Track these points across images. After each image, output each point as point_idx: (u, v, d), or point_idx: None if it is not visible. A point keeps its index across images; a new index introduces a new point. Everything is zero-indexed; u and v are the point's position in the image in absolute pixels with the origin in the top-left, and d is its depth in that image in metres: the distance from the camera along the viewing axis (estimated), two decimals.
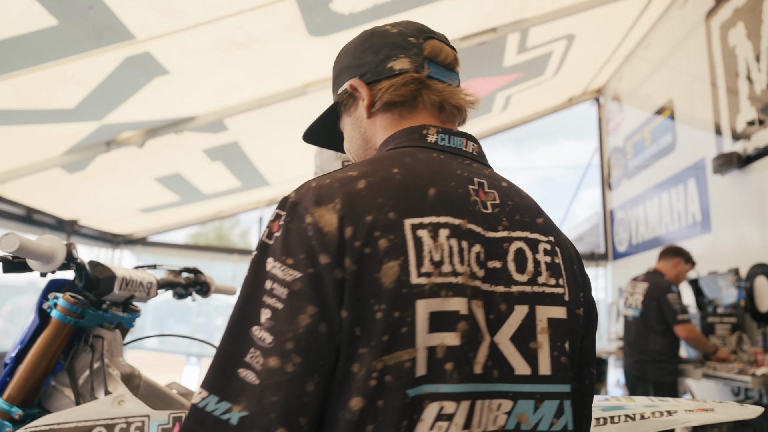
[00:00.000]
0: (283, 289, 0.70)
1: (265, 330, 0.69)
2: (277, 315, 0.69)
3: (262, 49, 3.57)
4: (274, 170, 5.59)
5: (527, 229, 0.82)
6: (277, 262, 0.71)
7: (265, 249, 0.74)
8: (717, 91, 4.23)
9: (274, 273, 0.71)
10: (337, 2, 3.27)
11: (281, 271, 0.71)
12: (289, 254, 0.71)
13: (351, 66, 0.95)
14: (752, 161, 3.75)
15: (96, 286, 1.15)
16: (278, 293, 0.70)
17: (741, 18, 3.91)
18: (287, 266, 0.71)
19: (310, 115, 4.13)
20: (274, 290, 0.70)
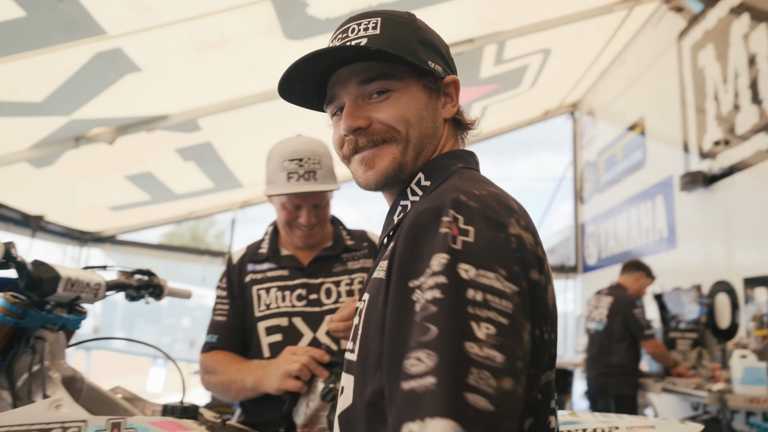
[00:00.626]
0: (504, 303, 0.63)
1: (492, 347, 0.60)
2: (503, 331, 0.62)
3: (237, 51, 3.54)
4: (247, 172, 5.54)
5: None
6: (483, 271, 0.64)
7: (454, 254, 0.65)
8: (686, 110, 4.32)
9: (484, 283, 0.64)
10: (313, 6, 3.26)
11: (498, 282, 0.64)
12: (501, 265, 0.66)
13: (445, 59, 0.93)
14: (717, 180, 3.83)
15: (39, 286, 1.12)
16: (499, 306, 0.63)
17: (711, 40, 4.01)
18: (503, 277, 0.65)
19: (285, 118, 4.14)
20: (491, 302, 0.63)
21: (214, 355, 1.61)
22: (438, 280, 0.64)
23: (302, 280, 1.64)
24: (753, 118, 3.46)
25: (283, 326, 1.58)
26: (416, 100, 0.88)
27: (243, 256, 1.72)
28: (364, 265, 1.70)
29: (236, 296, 1.66)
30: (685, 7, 4.41)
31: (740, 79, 3.62)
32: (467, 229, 0.68)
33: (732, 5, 3.74)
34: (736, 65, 3.68)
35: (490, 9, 3.99)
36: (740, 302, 3.51)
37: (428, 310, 0.63)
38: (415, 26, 0.91)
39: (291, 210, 1.60)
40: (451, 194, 0.72)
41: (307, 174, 1.56)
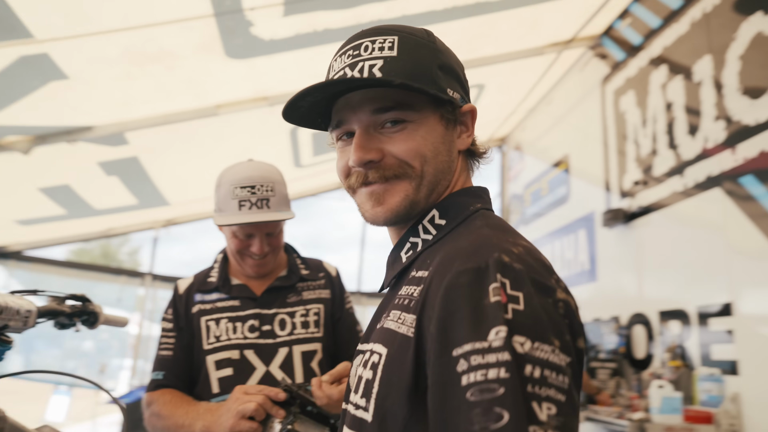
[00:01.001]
0: (560, 377, 0.59)
1: (554, 429, 0.56)
2: (562, 409, 0.58)
3: (174, 65, 3.42)
4: (175, 190, 5.33)
5: None
6: (539, 343, 0.60)
7: (509, 326, 0.60)
8: (608, 150, 4.59)
9: (540, 357, 0.59)
10: (258, 27, 3.22)
11: (553, 355, 0.60)
12: (555, 334, 0.61)
13: (462, 85, 0.87)
14: (636, 218, 4.07)
15: None
16: (556, 382, 0.59)
17: (632, 87, 4.29)
18: (558, 349, 0.60)
19: (219, 136, 4.02)
20: (549, 378, 0.58)
21: (161, 395, 1.49)
22: (501, 357, 0.58)
23: (255, 311, 1.57)
24: (669, 161, 3.71)
25: (234, 359, 1.50)
26: (433, 133, 0.83)
27: (190, 286, 1.63)
28: (320, 295, 1.65)
29: (183, 328, 1.56)
30: (609, 55, 4.71)
31: (658, 124, 3.89)
32: (516, 295, 0.62)
33: (652, 57, 4.04)
34: (654, 111, 3.96)
35: None
36: (655, 334, 3.71)
37: (495, 392, 0.57)
38: (435, 48, 0.85)
39: (242, 239, 1.54)
40: (493, 254, 0.66)
41: (260, 202, 1.50)
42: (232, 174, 1.56)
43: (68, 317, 1.25)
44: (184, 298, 1.61)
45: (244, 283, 1.62)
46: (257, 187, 1.51)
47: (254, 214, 1.49)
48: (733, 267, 3.06)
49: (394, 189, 0.82)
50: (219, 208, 1.57)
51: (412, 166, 0.81)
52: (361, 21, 3.47)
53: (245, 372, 1.49)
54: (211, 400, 1.49)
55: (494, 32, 4.21)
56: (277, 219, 1.50)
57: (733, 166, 3.11)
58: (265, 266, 1.59)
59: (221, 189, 1.57)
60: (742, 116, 3.07)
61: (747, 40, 3.10)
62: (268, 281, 1.63)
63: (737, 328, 2.98)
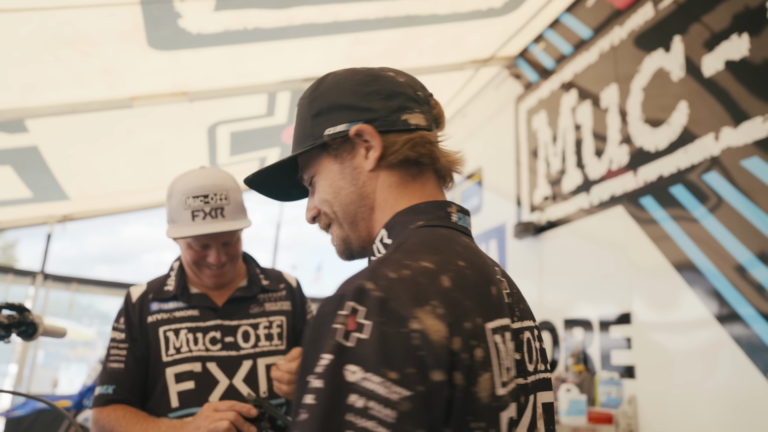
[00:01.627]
0: (387, 411, 0.57)
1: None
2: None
3: (89, 51, 3.21)
4: (77, 184, 4.97)
5: (529, 318, 0.82)
6: (370, 374, 0.58)
7: (342, 353, 0.60)
8: (520, 167, 4.84)
9: (368, 388, 0.58)
10: (186, 19, 3.09)
11: (382, 388, 0.58)
12: (391, 366, 0.58)
13: (352, 107, 0.84)
14: (544, 230, 4.33)
15: None
16: (379, 415, 0.57)
17: (544, 107, 4.57)
18: (391, 381, 0.58)
19: (134, 129, 3.84)
20: (371, 410, 0.57)
21: (112, 410, 1.39)
22: (316, 384, 0.60)
23: (216, 322, 1.50)
24: (576, 180, 3.99)
25: (196, 372, 1.42)
26: (330, 174, 0.88)
27: (144, 293, 1.53)
28: (282, 307, 1.61)
29: (136, 339, 1.46)
30: (523, 75, 4.98)
31: (567, 144, 4.17)
32: (364, 323, 0.61)
33: (563, 81, 4.32)
34: (564, 132, 4.24)
35: (359, 49, 4.13)
36: (560, 340, 3.96)
37: (301, 416, 0.59)
38: (311, 99, 0.89)
39: (198, 250, 1.47)
40: (359, 281, 0.66)
41: (214, 211, 1.44)
42: (183, 183, 1.48)
43: (5, 328, 1.14)
44: (138, 307, 1.50)
45: (204, 293, 1.55)
46: (210, 196, 1.44)
47: (208, 225, 1.43)
48: (632, 280, 3.34)
49: (330, 232, 0.93)
50: (171, 218, 1.49)
51: (327, 214, 0.91)
52: (293, 22, 3.44)
53: (208, 385, 1.42)
54: (170, 414, 1.40)
55: (421, 44, 4.32)
56: (232, 229, 1.44)
57: (634, 188, 3.39)
58: (224, 276, 1.52)
59: (173, 199, 1.48)
60: (643, 142, 3.37)
61: (649, 73, 3.40)
62: (229, 291, 1.57)
63: (634, 336, 3.25)
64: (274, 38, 3.60)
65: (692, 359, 2.85)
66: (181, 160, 5.35)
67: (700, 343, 2.83)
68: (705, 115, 2.95)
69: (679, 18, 3.21)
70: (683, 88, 3.11)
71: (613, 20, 3.79)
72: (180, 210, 1.45)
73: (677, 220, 3.04)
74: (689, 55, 3.10)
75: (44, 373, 10.11)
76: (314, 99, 0.89)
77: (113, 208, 6.25)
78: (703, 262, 2.84)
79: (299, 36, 3.67)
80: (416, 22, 3.91)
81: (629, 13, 3.63)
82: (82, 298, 6.05)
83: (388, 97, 0.85)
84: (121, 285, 6.32)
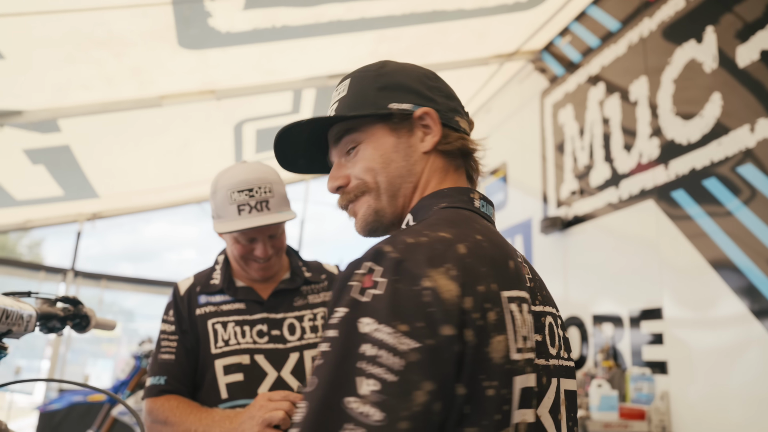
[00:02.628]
0: (395, 359, 0.61)
1: (371, 404, 0.59)
2: (387, 388, 0.60)
3: (122, 51, 3.26)
4: (107, 182, 5.06)
5: (551, 305, 0.85)
6: (382, 326, 0.62)
7: (356, 306, 0.64)
8: (546, 161, 4.81)
9: (378, 338, 0.62)
10: (216, 18, 3.13)
11: (392, 338, 0.62)
12: (401, 319, 0.63)
13: (418, 93, 0.91)
14: (571, 225, 4.30)
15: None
16: (388, 363, 0.61)
17: (570, 101, 4.53)
18: (401, 333, 0.62)
19: (161, 127, 3.89)
20: (380, 358, 0.61)
21: (166, 400, 1.41)
22: (330, 333, 0.65)
23: (263, 315, 1.52)
24: (605, 174, 3.95)
25: (245, 365, 1.45)
26: (381, 146, 0.90)
27: (192, 286, 1.55)
28: (324, 299, 1.63)
29: (186, 331, 1.49)
30: (548, 69, 4.94)
31: (595, 138, 4.13)
32: (380, 281, 0.66)
33: (590, 74, 4.28)
34: (591, 126, 4.20)
35: (384, 46, 4.13)
36: (589, 336, 3.94)
37: (317, 362, 0.64)
38: (377, 74, 0.93)
39: (245, 244, 1.49)
40: (379, 244, 0.71)
41: (260, 204, 1.47)
42: (227, 178, 1.50)
43: (60, 321, 1.17)
44: (186, 300, 1.53)
45: (249, 286, 1.57)
46: (255, 190, 1.46)
47: (255, 218, 1.45)
48: (663, 275, 3.30)
49: (359, 204, 0.92)
50: (217, 214, 1.51)
51: (366, 183, 0.90)
52: (320, 20, 3.46)
53: (256, 378, 1.44)
54: (219, 406, 1.43)
55: (445, 40, 4.31)
56: (278, 221, 1.46)
57: (665, 181, 3.35)
58: (271, 269, 1.55)
59: (218, 195, 1.50)
60: (674, 135, 3.32)
61: (680, 65, 3.36)
62: (273, 284, 1.59)
63: (666, 331, 3.22)
64: (301, 36, 3.62)
65: (726, 355, 2.82)
66: (207, 158, 5.41)
67: (734, 338, 2.79)
68: (739, 106, 2.91)
69: (711, 8, 3.16)
70: (716, 79, 3.06)
71: (642, 12, 3.74)
72: (226, 205, 1.47)
73: (711, 214, 3.00)
74: (722, 46, 3.05)
75: (73, 369, 10.31)
76: (381, 75, 0.92)
77: (139, 206, 6.35)
78: (737, 256, 2.80)
79: (326, 33, 3.69)
80: (442, 18, 3.90)
81: (659, 4, 3.58)
82: (107, 294, 6.15)
83: (447, 96, 0.94)
84: (147, 282, 6.42)
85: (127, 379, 3.85)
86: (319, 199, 11.11)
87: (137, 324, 13.96)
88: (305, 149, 0.99)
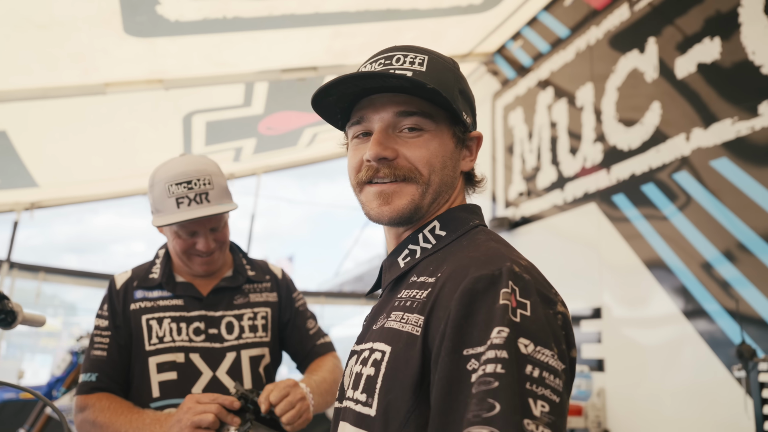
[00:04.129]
0: (556, 380, 0.65)
1: (546, 426, 0.61)
2: (555, 409, 0.63)
3: (64, 36, 3.13)
4: (48, 171, 4.85)
5: None
6: (541, 347, 0.66)
7: (514, 327, 0.66)
8: (495, 164, 4.90)
9: (540, 359, 0.65)
10: (165, 6, 3.04)
11: (553, 360, 0.65)
12: (555, 342, 0.67)
13: (474, 112, 0.94)
14: (519, 226, 4.39)
15: None
16: (552, 384, 0.64)
17: (520, 104, 4.63)
18: (556, 354, 0.66)
19: (106, 116, 3.77)
20: (546, 380, 0.64)
21: (97, 399, 1.37)
22: (499, 354, 0.64)
23: (200, 312, 1.49)
24: (551, 176, 4.06)
25: (179, 363, 1.41)
26: (444, 147, 0.88)
27: (129, 280, 1.50)
28: (267, 299, 1.61)
29: (120, 326, 1.44)
30: (500, 72, 5.03)
31: (543, 141, 4.23)
32: (524, 302, 0.69)
33: (540, 79, 4.38)
34: (540, 129, 4.30)
35: (339, 42, 4.11)
36: None
37: (490, 384, 0.62)
38: (459, 74, 0.93)
39: (186, 238, 1.45)
40: (506, 263, 0.72)
41: (199, 197, 1.43)
42: (164, 171, 1.46)
43: None
44: (122, 294, 1.48)
45: (190, 282, 1.53)
46: (194, 182, 1.43)
47: (194, 210, 1.40)
48: (603, 275, 3.42)
49: (402, 191, 0.87)
50: (156, 208, 1.47)
51: (420, 173, 0.86)
52: (273, 13, 3.41)
53: (190, 377, 1.41)
54: (150, 405, 1.39)
55: (400, 39, 4.32)
56: (218, 212, 1.43)
57: (607, 185, 3.47)
58: (214, 263, 1.51)
59: (155, 188, 1.46)
60: (617, 141, 3.44)
61: (624, 73, 3.48)
62: (214, 281, 1.55)
63: (605, 330, 3.34)
64: (253, 28, 3.56)
65: (659, 353, 2.94)
66: (154, 149, 5.26)
67: (667, 337, 2.91)
68: (676, 115, 3.03)
69: (654, 20, 3.29)
70: (656, 89, 3.18)
71: (589, 20, 3.85)
72: (164, 198, 1.43)
73: (648, 218, 3.13)
74: (663, 57, 3.17)
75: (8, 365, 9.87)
76: (460, 78, 0.93)
77: (83, 196, 6.12)
78: (671, 259, 2.93)
79: (279, 27, 3.65)
80: (397, 17, 3.91)
81: (606, 13, 3.69)
82: (46, 287, 5.91)
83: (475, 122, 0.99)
84: (90, 275, 6.19)
85: (63, 375, 3.71)
86: (271, 194, 10.99)
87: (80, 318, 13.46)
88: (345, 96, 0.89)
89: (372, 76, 0.83)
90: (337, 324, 10.84)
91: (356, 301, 7.60)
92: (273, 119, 5.14)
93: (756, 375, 2.05)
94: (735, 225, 2.60)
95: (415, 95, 0.85)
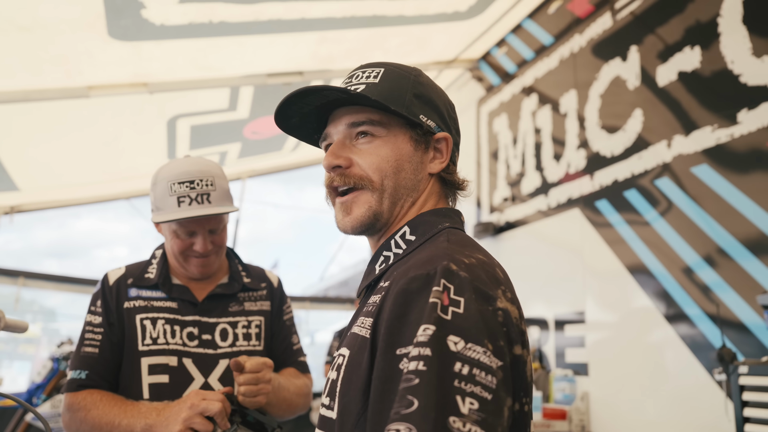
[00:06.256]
0: (489, 377, 0.64)
1: (472, 423, 0.60)
2: (486, 406, 0.62)
3: (47, 38, 3.10)
4: (29, 174, 4.79)
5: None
6: (472, 344, 0.65)
7: (443, 324, 0.66)
8: (480, 169, 4.93)
9: (471, 356, 0.64)
10: (150, 10, 3.03)
11: (485, 357, 0.64)
12: (489, 338, 0.66)
13: (442, 116, 0.94)
14: (503, 231, 4.43)
15: None
16: (484, 381, 0.63)
17: (505, 110, 4.67)
18: (490, 352, 0.65)
19: (89, 119, 3.75)
20: (477, 377, 0.63)
21: (87, 394, 1.35)
22: (422, 352, 0.64)
23: (195, 317, 1.47)
24: (535, 182, 4.10)
25: (172, 366, 1.39)
26: (398, 151, 0.90)
27: (122, 277, 1.49)
28: (262, 307, 1.60)
29: (114, 324, 1.42)
30: (485, 78, 5.07)
31: (527, 147, 4.27)
32: (458, 299, 0.69)
33: (524, 85, 4.42)
34: (524, 135, 4.34)
35: (325, 47, 4.12)
36: None
37: (410, 381, 0.63)
38: (415, 80, 0.93)
39: (184, 238, 1.45)
40: (443, 262, 0.73)
41: (200, 197, 1.43)
42: (168, 170, 1.46)
43: None
44: (115, 291, 1.46)
45: (185, 285, 1.52)
46: (196, 182, 1.42)
47: (194, 209, 1.40)
48: (587, 280, 3.46)
49: (359, 200, 0.90)
50: (157, 206, 1.46)
51: (371, 179, 0.89)
52: (259, 18, 3.41)
53: (182, 381, 1.39)
54: None
55: (386, 45, 4.35)
56: (218, 212, 1.42)
57: (590, 191, 3.51)
58: (210, 266, 1.50)
59: (158, 186, 1.45)
60: (600, 147, 3.49)
61: (607, 81, 3.53)
62: (210, 286, 1.54)
63: (588, 335, 3.37)
64: (239, 33, 3.56)
65: (642, 357, 2.98)
66: (138, 153, 5.22)
67: (649, 341, 2.95)
68: (658, 123, 3.09)
69: (636, 29, 3.34)
70: (638, 96, 3.24)
71: (573, 28, 3.90)
72: (165, 196, 1.43)
73: (630, 223, 3.17)
74: (644, 65, 3.22)
75: None
76: (419, 83, 0.93)
77: (65, 200, 6.05)
78: (653, 264, 2.97)
79: (265, 32, 3.65)
80: (383, 23, 3.93)
81: (589, 21, 3.74)
82: (25, 293, 5.83)
83: (457, 132, 0.99)
84: (71, 280, 6.11)
85: (44, 382, 3.66)
86: (257, 198, 10.94)
87: (59, 324, 13.25)
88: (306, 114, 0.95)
89: (309, 92, 0.87)
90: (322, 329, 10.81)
91: (341, 306, 7.59)
92: (258, 123, 5.13)
93: (736, 378, 2.08)
94: (715, 230, 2.65)
95: (367, 105, 0.89)
